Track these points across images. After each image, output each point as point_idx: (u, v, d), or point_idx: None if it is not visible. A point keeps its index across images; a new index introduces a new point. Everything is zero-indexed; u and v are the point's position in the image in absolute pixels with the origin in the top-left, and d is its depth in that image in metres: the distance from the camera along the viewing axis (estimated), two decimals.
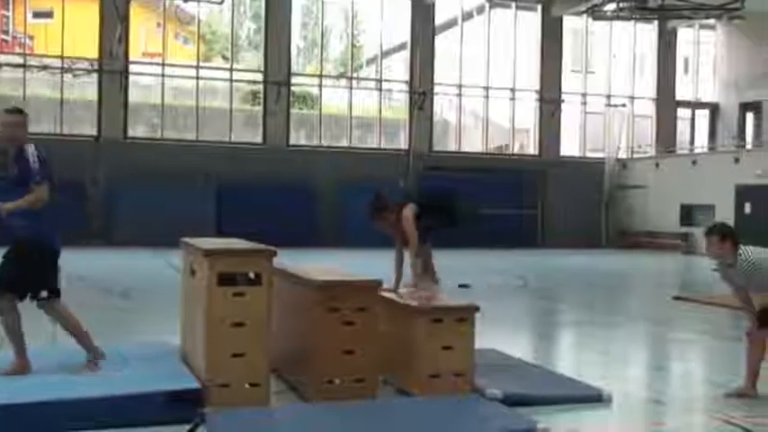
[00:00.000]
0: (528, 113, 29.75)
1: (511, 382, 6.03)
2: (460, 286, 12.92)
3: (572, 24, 30.03)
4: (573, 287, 15.75)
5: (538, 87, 29.22)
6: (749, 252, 5.90)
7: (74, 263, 16.70)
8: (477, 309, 6.03)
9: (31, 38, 27.74)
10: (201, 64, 26.68)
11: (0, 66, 24.90)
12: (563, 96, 29.51)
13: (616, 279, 17.99)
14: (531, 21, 29.47)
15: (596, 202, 29.26)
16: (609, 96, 30.49)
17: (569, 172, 28.72)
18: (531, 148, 29.93)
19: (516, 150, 30.26)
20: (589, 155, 30.29)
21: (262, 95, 26.50)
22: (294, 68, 27.26)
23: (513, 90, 29.10)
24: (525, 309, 12.22)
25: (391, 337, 6.01)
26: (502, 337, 8.24)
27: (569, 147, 30.06)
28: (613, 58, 30.73)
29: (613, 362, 7.94)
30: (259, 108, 26.69)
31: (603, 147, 30.41)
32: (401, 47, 28.67)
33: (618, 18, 28.63)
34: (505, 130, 29.97)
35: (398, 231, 6.80)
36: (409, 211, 6.70)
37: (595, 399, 5.86)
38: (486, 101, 28.98)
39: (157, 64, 25.93)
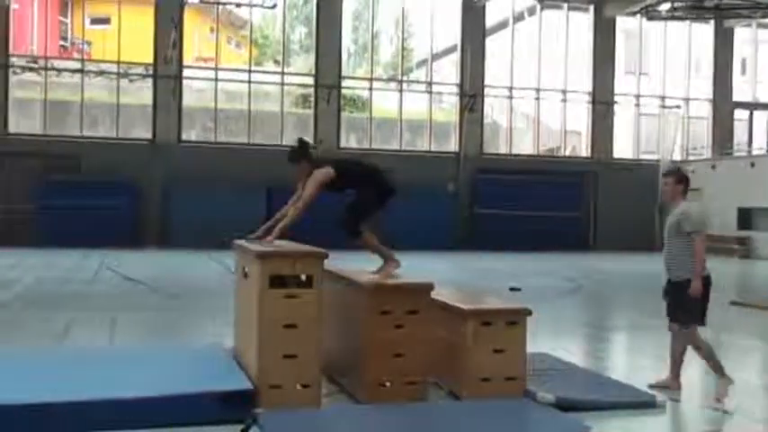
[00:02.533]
0: (580, 115, 29.42)
1: (563, 387, 5.97)
2: (511, 289, 12.84)
3: (625, 25, 29.63)
4: (626, 290, 15.52)
5: (590, 89, 28.89)
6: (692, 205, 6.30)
7: (129, 264, 17.07)
8: (528, 312, 5.98)
9: (89, 44, 28.36)
10: (253, 68, 26.97)
11: (59, 71, 25.50)
12: (616, 98, 29.13)
13: None
14: (584, 21, 29.16)
15: (650, 205, 28.79)
16: (663, 98, 30.01)
17: (622, 174, 28.32)
18: (584, 151, 29.59)
19: (568, 153, 29.96)
20: (643, 157, 29.83)
21: (313, 99, 26.67)
22: (345, 72, 27.38)
23: (564, 92, 28.82)
24: (577, 312, 12.08)
25: (442, 339, 5.99)
26: (554, 340, 8.16)
27: (622, 149, 29.65)
28: (668, 58, 30.20)
29: (667, 367, 7.80)
30: (310, 111, 26.87)
31: (657, 149, 29.93)
32: (451, 49, 28.60)
33: (673, 18, 28.15)
34: (557, 132, 29.69)
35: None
36: (321, 174, 6.18)
37: (649, 404, 5.77)
38: (538, 103, 28.75)
39: (211, 68, 26.29)
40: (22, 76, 24.63)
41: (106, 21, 27.79)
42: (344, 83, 27.20)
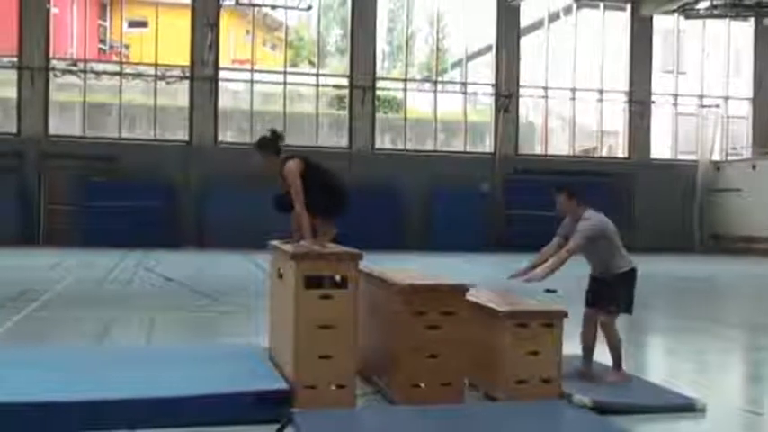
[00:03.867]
0: (616, 115, 29.14)
1: (600, 390, 5.91)
2: (547, 291, 12.74)
3: (662, 23, 29.27)
4: (664, 292, 15.33)
5: (627, 88, 28.60)
6: (595, 218, 6.38)
7: (166, 265, 17.24)
8: (564, 314, 5.93)
9: (127, 47, 28.76)
10: (289, 70, 27.10)
11: (98, 74, 25.87)
12: (653, 97, 28.80)
13: (710, 285, 17.44)
14: (620, 20, 28.88)
15: (689, 206, 28.43)
16: (701, 97, 29.59)
17: (660, 175, 28.00)
18: (620, 151, 29.30)
19: (604, 153, 29.69)
20: (681, 157, 29.45)
21: (347, 100, 26.74)
22: (379, 73, 27.41)
23: (600, 91, 28.56)
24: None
25: (477, 341, 5.97)
26: None
27: (660, 149, 29.29)
28: (706, 57, 29.80)
29: (708, 370, 7.70)
30: (345, 112, 26.94)
31: (696, 149, 29.52)
32: (486, 49, 28.49)
33: (711, 16, 27.75)
34: (593, 132, 29.43)
35: (282, 182, 6.14)
36: (295, 165, 5.96)
37: (688, 408, 5.69)
38: (573, 103, 28.53)
39: (246, 70, 26.49)
40: (62, 79, 25.01)
41: (144, 24, 28.13)
42: (379, 84, 27.23)
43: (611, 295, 6.37)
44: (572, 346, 6.53)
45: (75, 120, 25.00)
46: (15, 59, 23.96)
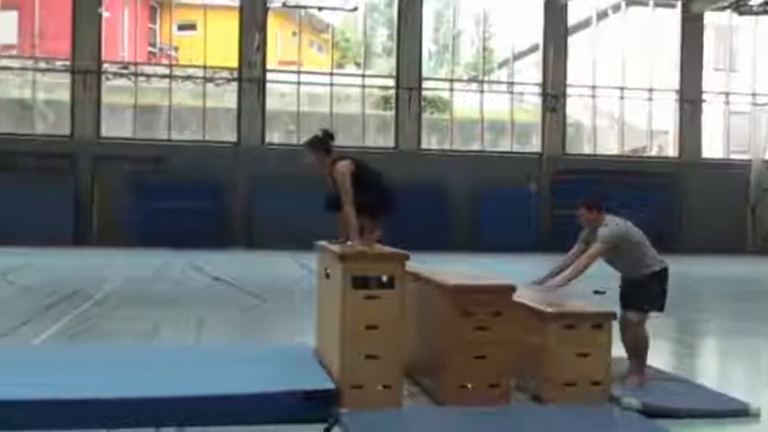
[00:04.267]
0: (666, 114, 28.67)
1: (649, 393, 5.84)
2: (595, 292, 12.60)
3: (714, 20, 28.74)
4: (716, 294, 15.06)
5: (677, 87, 28.13)
6: (613, 224, 6.39)
7: (214, 265, 17.44)
8: (614, 316, 5.87)
9: (176, 49, 29.17)
10: (335, 71, 27.22)
11: (148, 77, 26.29)
12: (704, 96, 28.28)
13: (763, 286, 17.06)
14: (670, 17, 28.42)
15: (741, 206, 27.87)
16: (754, 95, 28.97)
17: (711, 174, 27.47)
18: (670, 150, 28.84)
19: (654, 152, 29.25)
20: (733, 157, 28.88)
21: (394, 100, 26.77)
22: (425, 73, 27.38)
23: (650, 90, 28.14)
24: (664, 316, 11.74)
25: (525, 342, 5.93)
26: None
27: (711, 148, 28.75)
28: (759, 54, 29.14)
29: (762, 374, 7.54)
30: (391, 113, 26.97)
31: (749, 148, 28.92)
32: (533, 49, 28.29)
33: (765, 12, 27.14)
34: (642, 131, 29.01)
35: (331, 182, 6.15)
36: (345, 165, 5.96)
37: (742, 413, 5.58)
38: (622, 102, 28.16)
39: (293, 72, 26.66)
40: (114, 81, 25.46)
41: (192, 27, 28.52)
42: (425, 84, 27.20)
43: (642, 295, 6.32)
44: (621, 349, 6.45)
45: (126, 122, 25.43)
46: (69, 63, 24.46)
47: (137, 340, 8.31)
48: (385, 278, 5.59)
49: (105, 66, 25.12)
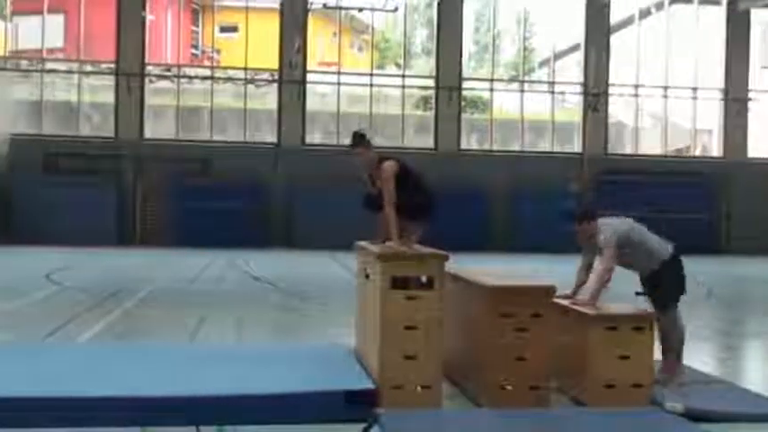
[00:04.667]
0: (711, 113, 28.21)
1: (693, 396, 5.75)
2: (637, 294, 12.45)
3: (761, 17, 28.19)
4: (763, 296, 14.78)
5: (722, 85, 27.66)
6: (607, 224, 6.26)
7: (255, 264, 17.58)
8: (656, 317, 5.79)
9: (218, 52, 29.45)
10: (375, 71, 27.26)
11: (191, 78, 26.59)
12: (751, 94, 27.76)
13: None
14: (715, 15, 27.95)
15: None
16: None
17: (758, 174, 26.95)
18: (715, 150, 28.38)
19: (698, 152, 28.80)
20: None
21: (433, 101, 26.73)
22: (465, 73, 27.29)
23: (694, 89, 27.71)
24: (709, 318, 11.58)
25: (565, 344, 5.88)
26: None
27: (758, 148, 28.21)
28: None
29: None
30: (431, 113, 26.93)
31: None
32: (574, 48, 28.04)
33: None
34: (686, 131, 28.57)
35: (377, 180, 6.16)
36: (391, 166, 5.98)
37: None
38: (666, 101, 27.78)
39: (333, 73, 26.76)
40: (157, 84, 25.81)
41: (234, 29, 28.76)
42: (465, 84, 27.12)
43: (662, 291, 6.22)
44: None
45: (168, 123, 25.75)
46: (113, 66, 24.85)
47: (178, 339, 8.40)
48: (424, 279, 5.59)
49: (149, 68, 25.46)
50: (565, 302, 6.15)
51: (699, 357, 7.58)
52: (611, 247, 6.11)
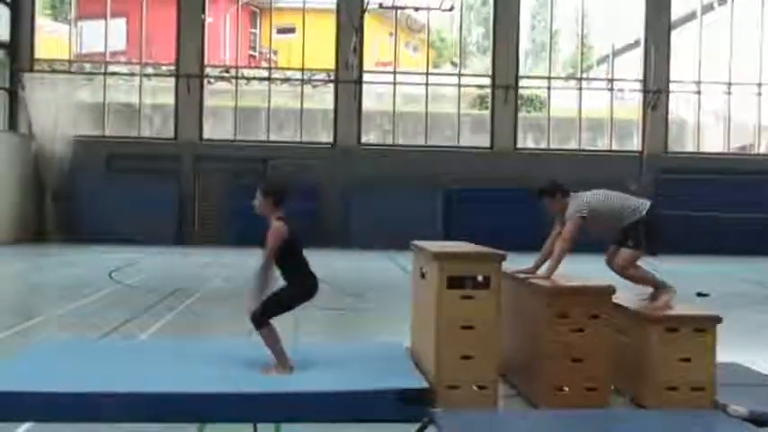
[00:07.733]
0: None
1: (757, 400, 5.60)
2: (699, 294, 12.22)
3: None
4: None
5: None
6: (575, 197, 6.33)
7: (311, 264, 17.68)
8: (718, 319, 5.67)
9: (275, 53, 29.72)
10: (431, 71, 27.22)
11: (249, 80, 26.91)
12: None
13: None
14: None
15: None
16: None
17: None
18: None
19: (762, 150, 28.06)
20: None
21: (489, 99, 26.57)
22: (522, 71, 27.06)
23: (759, 85, 27.01)
24: None
25: (624, 345, 5.79)
26: (746, 351, 7.68)
27: None
28: None
29: None
30: (487, 112, 26.78)
31: None
32: (634, 45, 27.56)
33: None
34: (749, 128, 27.88)
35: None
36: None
37: None
38: (729, 97, 27.13)
39: (389, 72, 26.80)
40: (215, 85, 26.19)
41: (291, 30, 28.99)
42: (522, 82, 26.89)
43: (627, 237, 6.17)
44: (728, 354, 6.22)
45: (227, 124, 26.09)
46: (173, 68, 25.30)
47: (235, 336, 8.50)
48: (480, 278, 5.56)
49: (208, 70, 25.84)
50: (522, 276, 6.12)
51: (763, 359, 7.39)
52: (573, 219, 6.14)
